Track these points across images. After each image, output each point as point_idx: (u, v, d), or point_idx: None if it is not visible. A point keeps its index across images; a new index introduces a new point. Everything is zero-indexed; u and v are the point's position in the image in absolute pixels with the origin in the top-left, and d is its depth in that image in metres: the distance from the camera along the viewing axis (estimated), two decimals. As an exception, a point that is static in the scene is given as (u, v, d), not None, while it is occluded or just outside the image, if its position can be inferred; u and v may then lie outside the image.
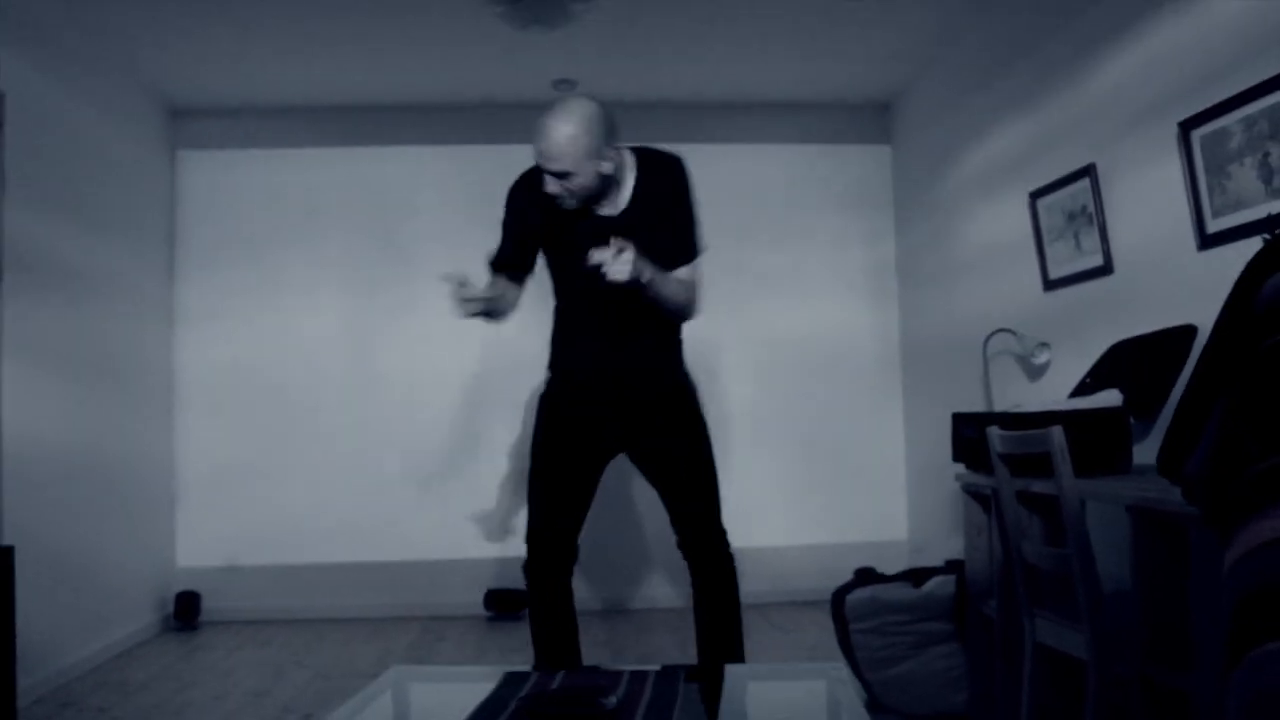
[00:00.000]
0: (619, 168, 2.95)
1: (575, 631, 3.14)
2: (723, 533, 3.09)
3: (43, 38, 4.36)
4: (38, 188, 4.26)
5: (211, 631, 5.40)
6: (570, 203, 2.89)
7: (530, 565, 3.09)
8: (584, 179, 2.84)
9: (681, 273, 2.97)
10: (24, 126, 4.12)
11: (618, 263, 2.68)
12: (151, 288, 5.53)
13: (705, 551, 3.07)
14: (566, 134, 2.79)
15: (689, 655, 4.03)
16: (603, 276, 2.70)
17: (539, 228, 3.02)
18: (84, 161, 4.75)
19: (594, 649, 4.55)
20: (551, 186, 2.85)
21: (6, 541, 3.64)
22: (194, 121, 5.85)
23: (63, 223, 4.50)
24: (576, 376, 3.09)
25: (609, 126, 2.88)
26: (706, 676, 2.53)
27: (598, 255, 2.68)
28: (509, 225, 3.09)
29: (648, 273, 2.76)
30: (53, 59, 4.44)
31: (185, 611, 5.47)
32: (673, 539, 3.11)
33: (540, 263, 3.11)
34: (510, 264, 3.07)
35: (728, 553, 3.09)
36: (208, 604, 5.59)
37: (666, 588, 5.75)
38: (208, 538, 5.68)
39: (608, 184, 2.93)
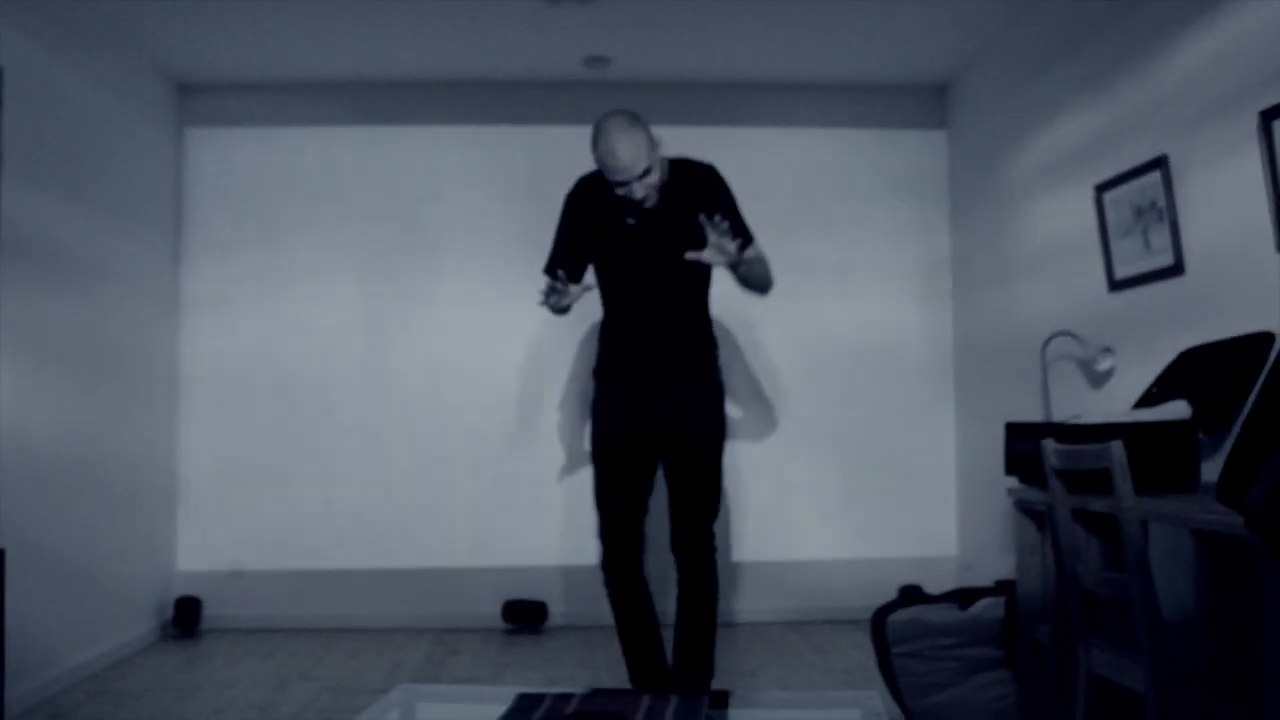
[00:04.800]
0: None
1: (655, 623, 3.63)
2: (712, 535, 3.60)
3: (44, 9, 4.42)
4: (37, 168, 4.32)
5: (213, 640, 5.46)
6: (653, 199, 3.30)
7: (607, 558, 3.58)
8: (658, 170, 3.28)
9: (759, 249, 3.50)
10: (24, 104, 4.18)
11: (726, 243, 3.19)
12: (156, 274, 5.60)
13: (698, 552, 3.57)
14: (631, 138, 3.21)
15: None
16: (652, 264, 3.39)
17: (592, 233, 3.45)
18: (87, 140, 4.81)
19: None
20: (638, 192, 3.26)
21: (-1, 542, 3.70)
22: (203, 97, 5.90)
23: (63, 205, 4.56)
24: (623, 378, 3.56)
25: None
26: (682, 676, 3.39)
27: (715, 235, 3.18)
28: (564, 232, 3.51)
29: (750, 250, 3.32)
30: (55, 32, 4.49)
31: (185, 618, 5.53)
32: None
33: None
34: (565, 269, 3.42)
35: (714, 557, 3.61)
36: (209, 611, 5.65)
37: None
38: (211, 541, 5.74)
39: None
